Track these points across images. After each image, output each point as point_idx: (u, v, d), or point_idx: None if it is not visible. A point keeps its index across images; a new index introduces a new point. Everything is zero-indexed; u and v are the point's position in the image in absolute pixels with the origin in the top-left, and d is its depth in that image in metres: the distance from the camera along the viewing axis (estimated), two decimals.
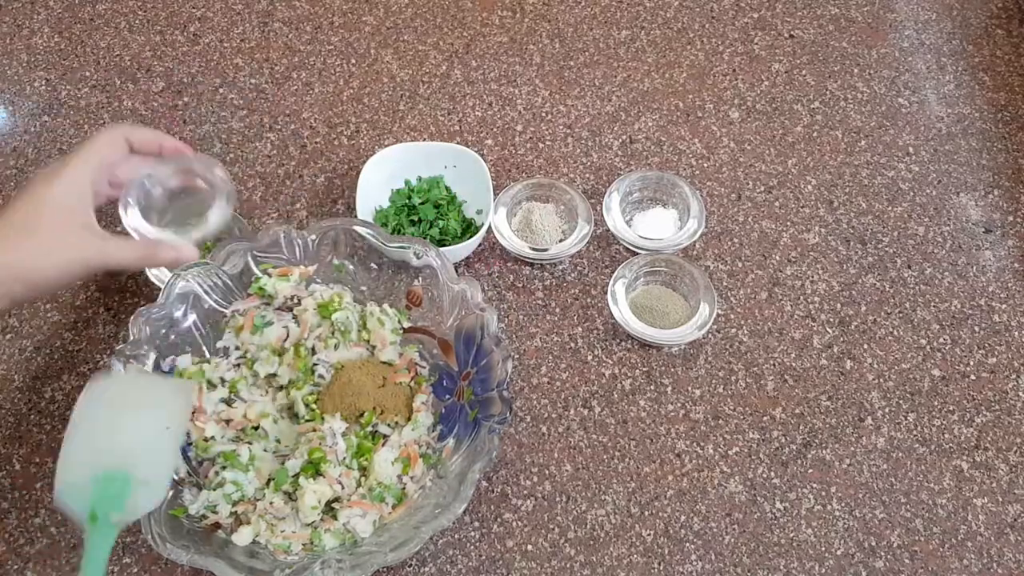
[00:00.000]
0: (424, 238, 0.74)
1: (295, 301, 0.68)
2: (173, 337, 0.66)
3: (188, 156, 0.67)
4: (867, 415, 0.70)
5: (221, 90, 0.88)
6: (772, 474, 0.67)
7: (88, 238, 0.58)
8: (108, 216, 0.66)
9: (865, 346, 0.73)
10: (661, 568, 0.63)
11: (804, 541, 0.64)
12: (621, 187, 0.78)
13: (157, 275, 0.72)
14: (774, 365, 0.72)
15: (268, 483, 0.62)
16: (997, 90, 0.89)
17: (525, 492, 0.66)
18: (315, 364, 0.66)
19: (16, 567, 0.63)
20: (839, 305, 0.75)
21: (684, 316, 0.72)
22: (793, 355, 0.73)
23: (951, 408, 0.70)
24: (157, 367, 0.64)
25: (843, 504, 0.66)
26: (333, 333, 0.67)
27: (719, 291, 0.76)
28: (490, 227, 0.75)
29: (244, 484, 0.61)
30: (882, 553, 0.64)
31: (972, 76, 0.90)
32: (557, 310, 0.75)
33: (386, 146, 0.79)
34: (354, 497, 0.61)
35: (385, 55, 0.91)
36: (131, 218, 0.64)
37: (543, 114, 0.87)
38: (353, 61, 0.91)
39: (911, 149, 0.85)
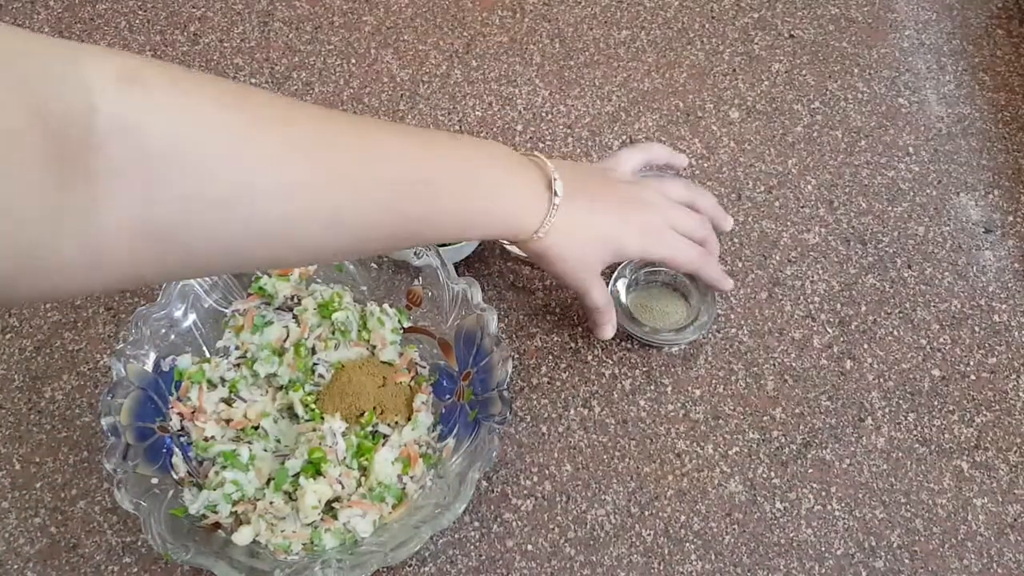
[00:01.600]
0: None
1: (295, 301, 0.68)
2: (173, 337, 0.66)
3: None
4: (867, 415, 0.70)
5: None
6: (772, 474, 0.67)
7: (596, 268, 0.63)
8: None
9: (865, 346, 0.73)
10: (661, 568, 0.63)
11: (804, 541, 0.64)
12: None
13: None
14: (774, 365, 0.72)
15: (268, 483, 0.62)
16: (997, 90, 0.89)
17: (525, 492, 0.66)
18: (315, 364, 0.66)
19: (16, 567, 0.63)
20: (839, 305, 0.75)
21: (684, 317, 0.72)
22: (793, 355, 0.73)
23: (951, 408, 0.70)
24: (157, 367, 0.64)
25: (843, 504, 0.66)
26: (333, 333, 0.67)
27: (719, 291, 0.75)
28: None
29: (244, 484, 0.61)
30: (882, 553, 0.64)
31: (972, 76, 0.90)
32: (557, 310, 0.75)
33: None
34: (354, 497, 0.61)
35: (385, 55, 0.91)
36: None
37: (543, 114, 0.87)
38: (353, 61, 0.91)
39: (911, 149, 0.85)
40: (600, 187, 0.64)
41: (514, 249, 0.74)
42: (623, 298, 0.72)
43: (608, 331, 0.67)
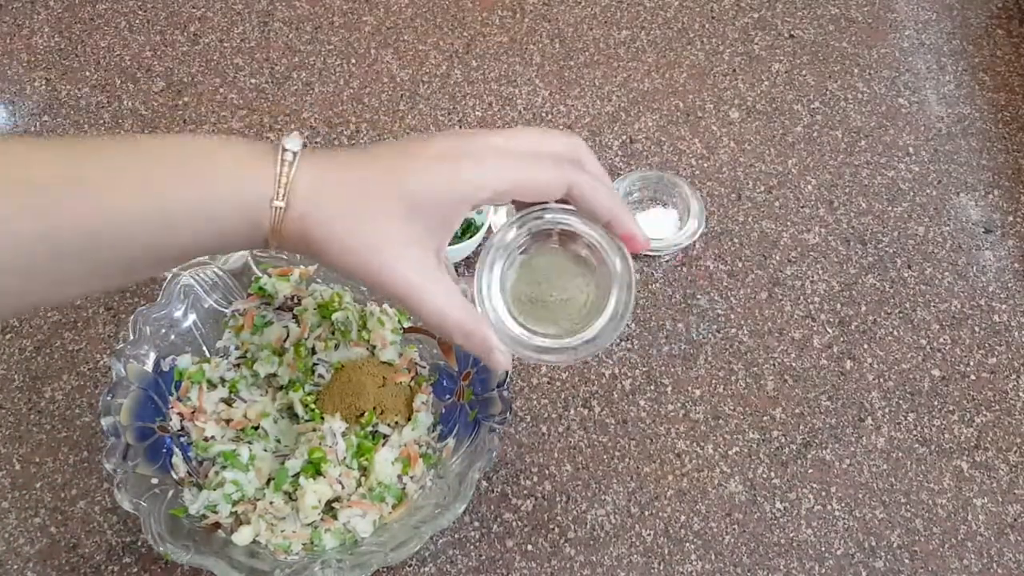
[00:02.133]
0: None
1: (295, 301, 0.68)
2: (173, 337, 0.66)
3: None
4: (867, 415, 0.70)
5: (221, 90, 0.88)
6: (772, 474, 0.67)
7: (423, 259, 0.42)
8: None
9: (865, 346, 0.73)
10: (661, 568, 0.63)
11: (804, 541, 0.64)
12: (621, 187, 0.78)
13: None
14: (774, 365, 0.72)
15: (268, 483, 0.62)
16: (997, 90, 0.89)
17: (525, 492, 0.66)
18: (315, 364, 0.66)
19: (16, 567, 0.63)
20: (839, 305, 0.75)
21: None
22: (793, 355, 0.73)
23: (951, 408, 0.70)
24: (157, 367, 0.64)
25: (843, 504, 0.66)
26: (333, 333, 0.67)
27: (719, 291, 0.76)
28: (490, 227, 0.75)
29: (244, 484, 0.61)
30: (882, 553, 0.64)
31: (972, 76, 0.90)
32: None
33: None
34: (354, 497, 0.61)
35: (385, 55, 0.91)
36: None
37: (543, 114, 0.87)
38: (353, 61, 0.91)
39: (911, 149, 0.85)
40: (377, 146, 0.44)
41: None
42: (495, 298, 0.47)
43: (500, 359, 0.45)
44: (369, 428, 0.65)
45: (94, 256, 0.38)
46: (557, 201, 0.44)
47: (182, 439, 0.64)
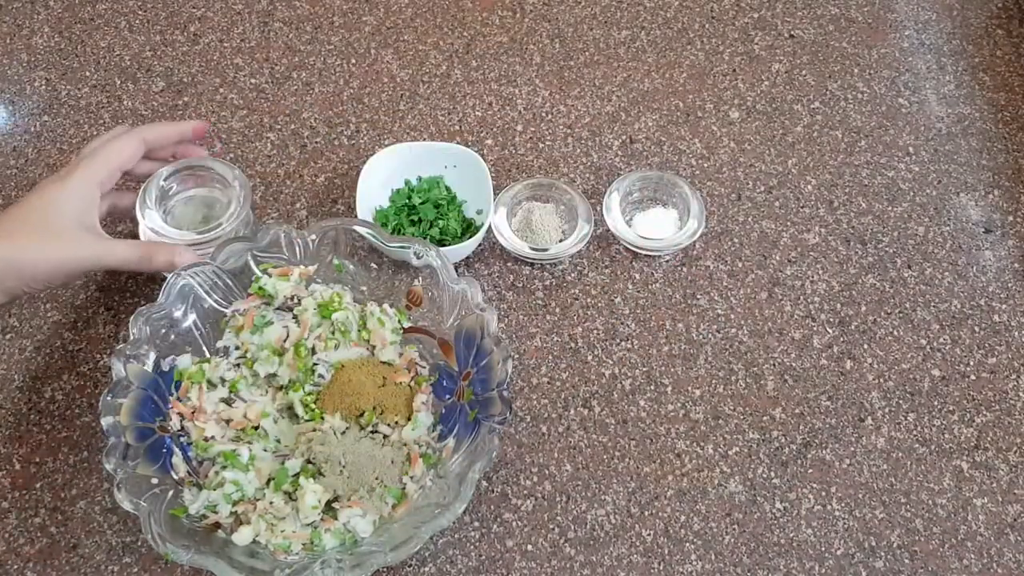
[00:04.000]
0: (424, 238, 0.74)
1: (295, 301, 0.68)
2: (173, 337, 0.66)
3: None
4: (867, 415, 0.70)
5: (221, 90, 0.88)
6: (772, 474, 0.67)
7: (88, 239, 0.61)
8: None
9: (865, 346, 0.73)
10: (661, 568, 0.63)
11: (804, 541, 0.64)
12: (621, 187, 0.78)
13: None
14: (774, 365, 0.72)
15: (268, 483, 0.62)
16: (997, 90, 0.89)
17: (525, 492, 0.66)
18: (315, 364, 0.66)
19: (16, 567, 0.63)
20: (839, 305, 0.75)
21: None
22: (793, 355, 0.73)
23: (951, 408, 0.70)
24: (157, 367, 0.64)
25: (843, 504, 0.66)
26: (333, 333, 0.67)
27: (719, 291, 0.76)
28: (490, 227, 0.75)
29: (244, 484, 0.61)
30: (882, 553, 0.64)
31: (972, 76, 0.90)
32: (557, 310, 0.75)
33: (386, 146, 0.79)
34: (354, 497, 0.61)
35: (385, 55, 0.91)
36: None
37: (543, 114, 0.87)
38: (353, 61, 0.91)
39: (911, 149, 0.85)
40: (11, 205, 0.64)
41: None
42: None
43: (182, 257, 0.65)
44: (369, 428, 0.65)
45: None
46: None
47: (182, 439, 0.64)
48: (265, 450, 0.64)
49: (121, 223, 0.78)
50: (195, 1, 0.95)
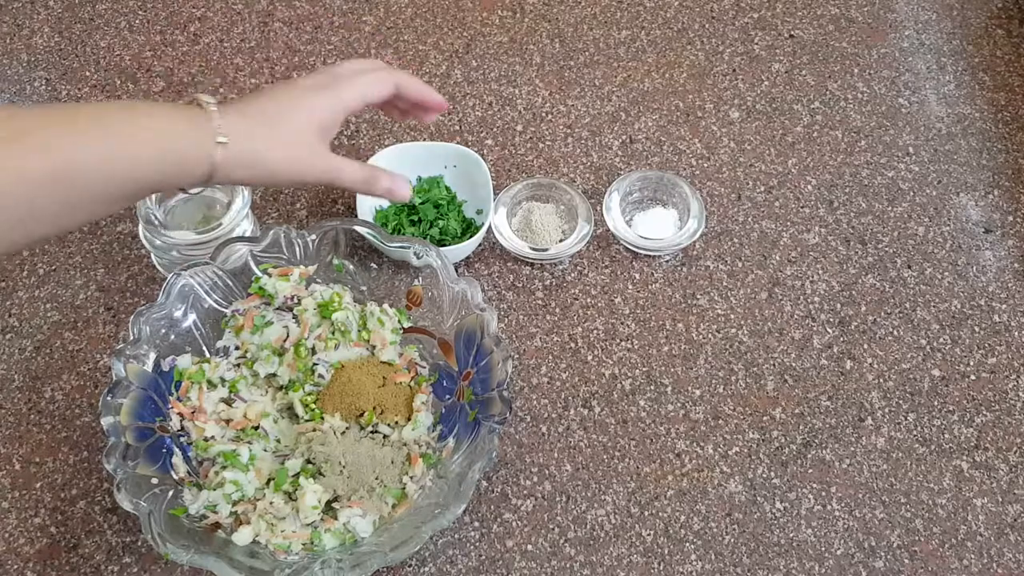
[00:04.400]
0: (424, 238, 0.74)
1: (295, 301, 0.68)
2: (173, 337, 0.66)
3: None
4: (867, 415, 0.70)
5: (221, 90, 0.88)
6: (772, 474, 0.67)
7: (324, 152, 0.61)
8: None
9: (865, 346, 0.73)
10: (661, 568, 0.63)
11: (804, 541, 0.64)
12: (621, 187, 0.78)
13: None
14: (774, 365, 0.72)
15: (268, 483, 0.62)
16: (997, 90, 0.89)
17: (525, 492, 0.66)
18: (315, 364, 0.66)
19: (16, 567, 0.63)
20: (839, 305, 0.75)
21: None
22: (793, 355, 0.73)
23: (951, 408, 0.70)
24: (157, 367, 0.64)
25: (843, 504, 0.66)
26: (333, 333, 0.67)
27: (719, 291, 0.76)
28: (490, 227, 0.75)
29: (244, 484, 0.61)
30: (882, 553, 0.64)
31: (972, 76, 0.90)
32: (557, 310, 0.75)
33: (386, 146, 0.79)
34: (354, 497, 0.61)
35: (385, 55, 0.91)
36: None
37: (543, 114, 0.87)
38: None
39: (911, 149, 0.85)
40: (264, 89, 0.63)
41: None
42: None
43: (401, 187, 0.64)
44: (369, 428, 0.65)
45: (83, 186, 0.50)
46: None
47: (182, 439, 0.64)
48: (265, 450, 0.64)
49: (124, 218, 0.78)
50: (195, 1, 0.95)
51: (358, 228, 0.69)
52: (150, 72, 0.90)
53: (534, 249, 0.75)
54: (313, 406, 0.65)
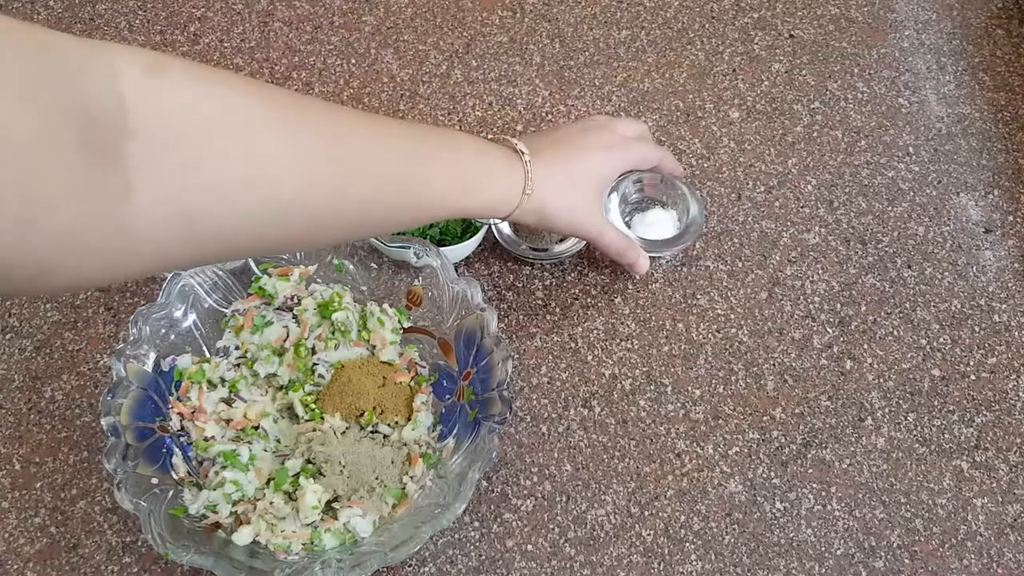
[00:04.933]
0: (424, 238, 0.74)
1: (295, 301, 0.68)
2: (173, 337, 0.66)
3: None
4: (867, 415, 0.70)
5: None
6: (772, 474, 0.67)
7: (598, 211, 0.69)
8: None
9: (865, 346, 0.73)
10: (661, 568, 0.63)
11: (804, 541, 0.64)
12: (620, 188, 0.78)
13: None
14: (774, 365, 0.72)
15: (268, 483, 0.62)
16: (997, 90, 0.89)
17: (525, 492, 0.66)
18: (315, 364, 0.66)
19: (16, 567, 0.63)
20: (839, 305, 0.75)
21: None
22: (793, 355, 0.73)
23: (951, 408, 0.70)
24: (157, 367, 0.64)
25: (843, 504, 0.66)
26: (333, 333, 0.67)
27: (719, 291, 0.76)
28: (490, 227, 0.75)
29: (244, 484, 0.61)
30: (882, 553, 0.64)
31: (972, 76, 0.90)
32: (557, 310, 0.75)
33: None
34: (354, 497, 0.61)
35: (385, 55, 0.91)
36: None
37: (543, 114, 0.87)
38: (353, 61, 0.91)
39: (911, 149, 0.85)
40: (555, 136, 0.69)
41: (507, 232, 0.76)
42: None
43: (643, 264, 0.72)
44: (369, 428, 0.65)
45: (419, 208, 0.57)
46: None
47: (182, 439, 0.64)
48: (265, 450, 0.64)
49: None
50: (195, 1, 0.95)
51: None
52: None
53: (534, 249, 0.75)
54: (313, 406, 0.65)
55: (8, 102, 0.33)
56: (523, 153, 0.62)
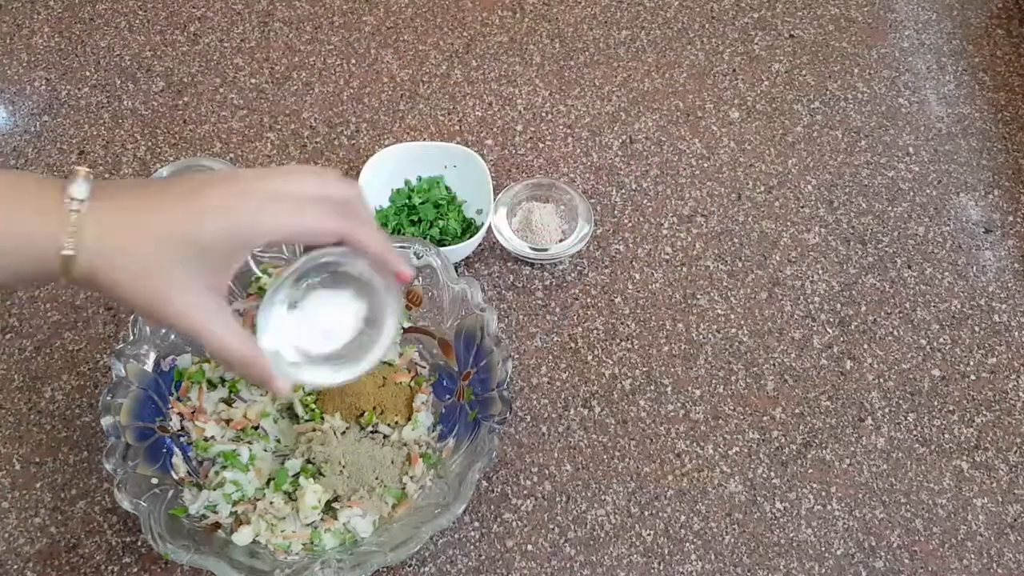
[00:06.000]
0: (424, 238, 0.74)
1: None
2: (173, 337, 0.66)
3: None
4: (867, 415, 0.70)
5: (221, 90, 0.88)
6: (772, 474, 0.67)
7: (207, 295, 0.44)
8: None
9: (865, 346, 0.73)
10: (661, 568, 0.63)
11: (804, 541, 0.64)
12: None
13: None
14: (774, 365, 0.72)
15: (268, 483, 0.62)
16: (997, 90, 0.89)
17: (525, 492, 0.66)
18: None
19: (16, 567, 0.63)
20: (839, 305, 0.75)
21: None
22: (793, 355, 0.73)
23: (951, 408, 0.70)
24: (157, 367, 0.64)
25: (843, 504, 0.66)
26: None
27: (719, 291, 0.76)
28: (490, 227, 0.75)
29: (244, 484, 0.61)
30: (882, 553, 0.64)
31: (972, 76, 0.90)
32: (557, 310, 0.75)
33: (386, 146, 0.79)
34: (354, 497, 0.61)
35: (385, 55, 0.91)
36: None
37: (543, 114, 0.87)
38: (353, 61, 0.91)
39: (911, 149, 0.85)
40: (162, 183, 0.46)
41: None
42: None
43: (281, 386, 0.48)
44: (369, 428, 0.65)
45: None
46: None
47: (182, 439, 0.64)
48: (265, 450, 0.64)
49: None
50: (195, 1, 0.95)
51: None
52: (150, 72, 0.90)
53: (534, 249, 0.75)
54: (313, 406, 0.65)
55: None
56: (71, 198, 0.41)
